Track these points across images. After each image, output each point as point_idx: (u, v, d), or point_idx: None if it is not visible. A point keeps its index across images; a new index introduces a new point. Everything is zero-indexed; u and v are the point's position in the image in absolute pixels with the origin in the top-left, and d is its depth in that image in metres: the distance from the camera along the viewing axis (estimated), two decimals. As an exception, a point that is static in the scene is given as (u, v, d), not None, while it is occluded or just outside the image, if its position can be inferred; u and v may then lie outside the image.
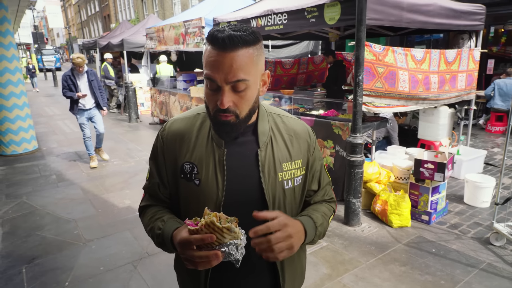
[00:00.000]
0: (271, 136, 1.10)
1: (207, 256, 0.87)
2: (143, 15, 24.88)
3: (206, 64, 0.96)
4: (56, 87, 19.65)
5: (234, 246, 0.88)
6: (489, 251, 3.18)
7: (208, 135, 1.09)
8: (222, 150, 1.06)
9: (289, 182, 1.10)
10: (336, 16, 3.81)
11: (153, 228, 1.08)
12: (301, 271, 1.26)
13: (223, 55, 0.92)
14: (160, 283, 2.85)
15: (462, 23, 4.62)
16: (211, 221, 0.85)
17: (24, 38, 26.48)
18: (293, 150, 1.12)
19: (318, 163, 1.21)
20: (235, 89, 0.96)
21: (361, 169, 3.57)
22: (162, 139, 1.13)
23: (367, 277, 2.86)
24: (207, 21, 6.30)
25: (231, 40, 0.92)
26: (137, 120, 9.79)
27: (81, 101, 5.50)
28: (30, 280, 2.93)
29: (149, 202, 1.18)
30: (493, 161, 5.64)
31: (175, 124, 1.13)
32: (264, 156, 1.08)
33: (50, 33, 64.17)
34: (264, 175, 1.07)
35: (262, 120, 1.11)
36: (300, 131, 1.16)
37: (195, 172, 1.07)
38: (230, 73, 0.93)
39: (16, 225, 3.90)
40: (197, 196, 1.07)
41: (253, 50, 0.96)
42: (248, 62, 0.95)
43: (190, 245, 0.88)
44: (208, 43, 0.96)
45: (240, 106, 0.98)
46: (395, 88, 4.06)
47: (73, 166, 6.00)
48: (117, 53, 12.68)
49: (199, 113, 1.14)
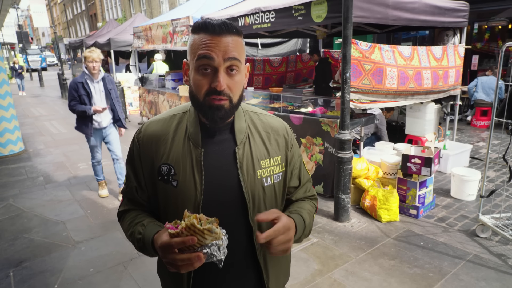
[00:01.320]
0: (248, 134, 1.11)
1: (189, 258, 0.86)
2: (130, 14, 24.60)
3: (199, 47, 0.97)
4: (42, 88, 19.33)
5: (216, 246, 0.88)
6: (475, 243, 3.25)
7: (185, 135, 1.08)
8: (199, 150, 1.06)
9: (268, 179, 1.10)
10: (323, 14, 3.83)
11: (133, 233, 1.07)
12: (286, 268, 1.26)
13: (219, 38, 0.96)
14: (151, 283, 2.84)
15: (447, 20, 4.70)
16: (192, 223, 0.84)
17: (8, 37, 25.95)
18: (271, 147, 1.13)
19: (297, 160, 1.21)
20: (230, 70, 0.98)
21: (350, 165, 3.61)
22: (138, 142, 1.11)
23: (357, 272, 2.90)
24: (194, 19, 6.27)
25: (226, 26, 0.97)
26: (126, 120, 9.67)
27: (95, 117, 4.12)
28: (18, 284, 2.89)
29: (127, 206, 1.17)
30: (478, 155, 5.75)
31: (150, 126, 1.12)
32: (242, 153, 1.08)
33: (35, 32, 62.99)
34: (243, 173, 1.06)
35: (239, 118, 1.11)
36: (277, 128, 1.17)
37: (172, 173, 1.06)
38: (227, 51, 0.96)
39: (3, 228, 3.83)
40: (176, 198, 1.06)
41: (241, 39, 1.01)
42: (240, 47, 1.00)
43: (171, 248, 0.87)
44: (198, 32, 0.98)
45: (234, 89, 1.00)
46: (382, 85, 4.11)
47: (61, 167, 5.92)
48: (104, 53, 12.54)
49: (175, 114, 1.13)
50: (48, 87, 19.29)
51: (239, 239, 1.09)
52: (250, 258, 1.13)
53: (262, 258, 1.13)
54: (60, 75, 14.95)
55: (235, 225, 1.07)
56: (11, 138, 6.62)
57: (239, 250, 1.10)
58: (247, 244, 1.11)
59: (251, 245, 1.11)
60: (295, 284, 2.77)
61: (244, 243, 1.11)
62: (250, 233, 1.10)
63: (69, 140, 7.86)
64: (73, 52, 16.98)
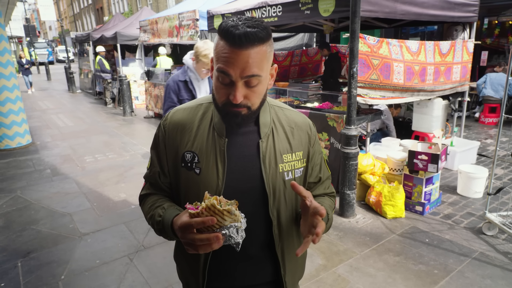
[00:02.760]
0: (272, 128, 1.11)
1: (208, 238, 0.87)
2: (136, 8, 24.60)
3: (219, 59, 0.96)
4: (49, 81, 19.46)
5: (235, 228, 0.89)
6: (481, 240, 3.23)
7: (210, 125, 1.09)
8: (223, 140, 1.07)
9: (290, 173, 1.11)
10: (330, 8, 3.80)
11: (153, 216, 1.09)
12: (302, 264, 1.27)
13: (238, 52, 0.92)
14: (156, 275, 2.86)
15: (456, 14, 4.63)
16: (212, 204, 0.86)
17: (16, 31, 26.07)
18: (293, 142, 1.13)
19: (318, 156, 1.22)
20: (248, 84, 0.97)
21: (355, 161, 3.59)
22: (164, 129, 1.13)
23: (362, 267, 2.90)
24: (201, 13, 6.25)
25: (247, 37, 0.91)
26: (132, 113, 9.73)
27: None
28: (26, 274, 2.93)
29: (149, 190, 1.19)
30: (486, 152, 5.69)
31: (177, 114, 1.14)
32: (266, 147, 1.08)
33: (42, 26, 63.27)
34: (265, 166, 1.07)
35: (264, 112, 1.11)
36: (301, 123, 1.17)
37: (196, 161, 1.07)
38: (245, 69, 0.94)
39: (11, 219, 3.88)
40: (197, 185, 1.07)
41: (266, 46, 0.97)
42: (262, 58, 0.96)
43: (191, 228, 0.88)
44: (221, 37, 0.95)
45: (252, 99, 1.00)
46: (390, 80, 4.08)
47: (68, 160, 5.97)
48: (111, 46, 12.56)
49: (201, 104, 1.14)
50: (55, 81, 19.42)
51: (258, 231, 1.10)
52: (268, 250, 1.14)
53: (280, 251, 1.13)
54: (67, 69, 15.03)
55: (255, 216, 1.07)
56: (19, 131, 6.68)
57: (257, 242, 1.11)
58: (266, 236, 1.11)
59: (269, 237, 1.12)
60: (299, 278, 2.78)
61: (262, 235, 1.11)
62: (270, 225, 1.10)
63: (76, 133, 7.91)
64: (79, 46, 17.02)
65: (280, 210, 1.10)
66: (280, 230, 1.11)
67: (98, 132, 7.98)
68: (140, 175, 1.11)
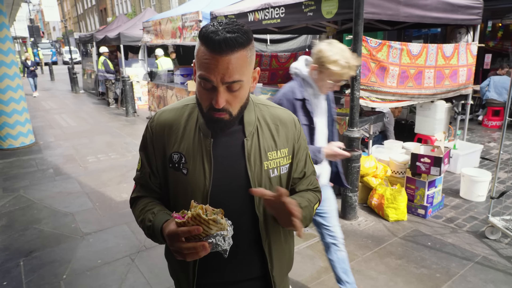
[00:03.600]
0: (257, 126, 1.13)
1: (194, 247, 0.89)
2: (139, 9, 24.69)
3: (200, 65, 0.97)
4: (52, 81, 19.54)
5: (221, 237, 0.90)
6: (484, 244, 3.21)
7: (196, 125, 1.11)
8: (209, 140, 1.08)
9: (275, 170, 1.13)
10: (333, 10, 3.80)
11: (143, 220, 1.10)
12: (289, 256, 1.28)
13: (219, 58, 0.93)
14: (157, 275, 2.87)
15: (460, 17, 4.62)
16: (197, 214, 0.87)
17: (20, 31, 26.25)
18: (278, 139, 1.15)
19: (303, 152, 1.23)
20: (230, 89, 0.99)
21: (358, 163, 3.58)
22: (151, 130, 1.15)
23: (363, 270, 2.89)
24: (204, 14, 6.26)
25: (227, 43, 0.92)
26: (134, 114, 9.76)
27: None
28: (28, 273, 2.94)
29: (140, 193, 1.20)
30: (489, 155, 5.67)
31: (163, 115, 1.15)
32: (250, 145, 1.10)
33: (46, 26, 63.59)
34: (250, 164, 1.09)
35: (249, 111, 1.12)
36: (285, 120, 1.18)
37: (183, 161, 1.09)
38: (226, 75, 0.94)
39: (14, 219, 3.90)
40: (185, 186, 1.09)
41: (247, 51, 0.97)
42: (243, 63, 0.96)
43: (178, 237, 0.90)
44: (201, 43, 0.96)
45: (234, 104, 1.02)
46: (384, 83, 4.07)
47: (70, 160, 5.99)
48: (114, 47, 12.60)
49: (187, 104, 1.16)
50: (58, 81, 19.50)
51: (245, 228, 1.12)
52: (255, 246, 1.16)
53: (267, 246, 1.16)
54: (70, 69, 15.09)
55: (242, 213, 1.11)
56: (22, 130, 6.71)
57: (245, 238, 1.13)
58: (253, 232, 1.14)
59: (256, 233, 1.14)
60: (300, 281, 2.77)
61: (250, 232, 1.14)
62: (256, 222, 1.13)
63: (79, 133, 7.94)
64: (83, 46, 17.11)
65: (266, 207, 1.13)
66: (267, 226, 1.14)
67: (100, 132, 8.01)
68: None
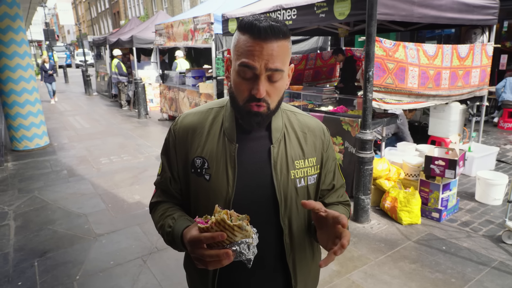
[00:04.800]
0: (284, 133, 1.08)
1: (217, 255, 0.83)
2: (152, 12, 24.95)
3: (242, 53, 0.94)
4: (67, 84, 19.88)
5: (246, 245, 0.85)
6: (501, 249, 3.14)
7: (220, 130, 1.06)
8: (234, 145, 1.04)
9: (302, 180, 1.07)
10: (346, 11, 3.77)
11: (163, 226, 1.06)
12: (315, 273, 1.22)
13: (263, 44, 0.91)
14: (169, 277, 2.87)
15: (475, 17, 4.53)
16: (222, 219, 0.82)
17: (36, 35, 26.83)
18: (306, 148, 1.10)
19: (332, 163, 1.18)
20: (271, 79, 0.95)
21: (370, 166, 3.54)
22: (174, 133, 1.11)
23: (376, 274, 2.84)
24: (216, 17, 6.29)
25: (272, 30, 0.91)
26: (146, 116, 9.86)
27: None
28: (42, 273, 2.98)
29: (160, 198, 1.16)
30: (505, 158, 5.54)
31: (187, 118, 1.12)
32: (277, 152, 1.05)
33: (61, 30, 64.81)
34: (276, 172, 1.04)
35: (276, 116, 1.08)
36: (314, 128, 1.14)
37: (206, 167, 1.04)
38: (270, 60, 0.92)
39: (28, 219, 3.96)
40: (207, 192, 1.04)
41: (288, 42, 0.96)
42: (285, 53, 0.95)
43: (200, 243, 0.85)
44: (243, 32, 0.94)
45: (273, 96, 0.98)
46: (405, 84, 4.02)
47: (84, 161, 6.07)
48: (127, 50, 12.76)
49: (212, 108, 1.12)
50: (72, 83, 19.83)
51: (269, 240, 1.06)
52: (279, 260, 1.10)
53: (291, 261, 1.09)
54: (84, 72, 15.33)
55: (265, 224, 1.03)
56: (37, 132, 6.84)
57: (268, 251, 1.07)
58: (277, 245, 1.08)
59: (280, 247, 1.08)
60: (312, 284, 2.74)
61: (273, 244, 1.08)
62: (280, 234, 1.07)
63: (92, 135, 8.05)
64: (96, 49, 17.37)
65: (291, 218, 1.07)
66: (292, 239, 1.08)
67: (113, 134, 8.11)
68: (154, 177, 1.12)
